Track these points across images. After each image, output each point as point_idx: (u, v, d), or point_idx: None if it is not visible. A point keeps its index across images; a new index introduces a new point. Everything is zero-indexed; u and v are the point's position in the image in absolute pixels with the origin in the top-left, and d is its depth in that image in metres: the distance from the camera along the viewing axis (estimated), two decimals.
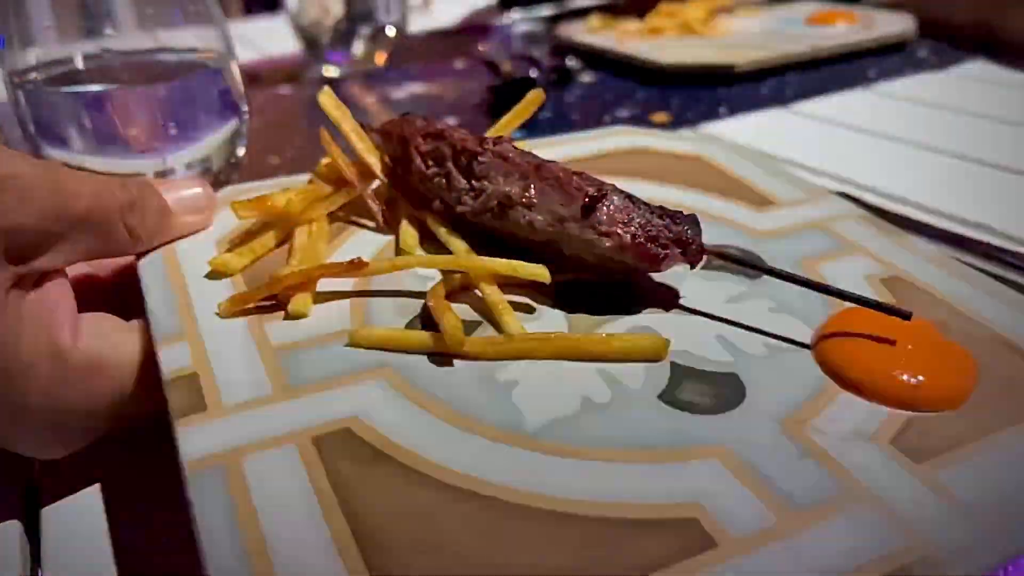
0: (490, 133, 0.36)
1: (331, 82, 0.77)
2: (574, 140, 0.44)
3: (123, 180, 0.29)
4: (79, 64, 0.39)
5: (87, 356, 0.26)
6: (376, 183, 0.35)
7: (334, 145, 0.34)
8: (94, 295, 0.32)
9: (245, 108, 0.43)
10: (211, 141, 0.41)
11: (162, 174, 0.40)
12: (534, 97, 0.37)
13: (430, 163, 0.33)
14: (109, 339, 0.27)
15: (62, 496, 0.27)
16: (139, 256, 0.31)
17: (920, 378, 0.25)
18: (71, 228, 0.26)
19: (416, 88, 0.75)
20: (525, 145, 0.39)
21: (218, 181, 0.43)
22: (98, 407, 0.26)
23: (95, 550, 0.25)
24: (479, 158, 0.31)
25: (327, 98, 0.35)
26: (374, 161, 0.34)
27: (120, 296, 0.32)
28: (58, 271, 0.27)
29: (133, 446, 0.28)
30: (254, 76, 0.78)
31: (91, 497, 0.27)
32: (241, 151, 0.44)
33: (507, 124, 0.37)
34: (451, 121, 0.64)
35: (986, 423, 0.24)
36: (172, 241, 0.32)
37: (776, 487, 0.22)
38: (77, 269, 0.32)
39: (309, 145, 0.59)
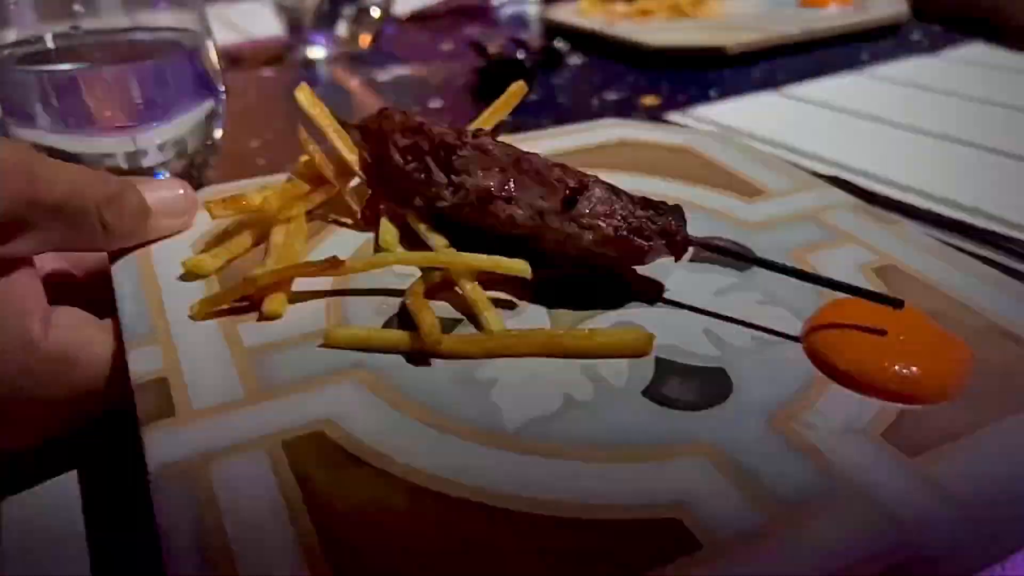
0: (473, 126, 0.36)
1: (315, 64, 0.76)
2: (560, 133, 0.43)
3: (104, 174, 0.28)
4: (49, 43, 0.38)
5: (57, 350, 0.25)
6: (356, 180, 0.34)
7: (312, 142, 0.34)
8: (67, 292, 0.31)
9: (222, 89, 0.42)
10: (185, 122, 0.40)
11: (133, 156, 0.39)
12: (516, 89, 0.36)
13: (409, 158, 0.32)
14: (81, 335, 0.26)
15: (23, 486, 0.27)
16: (113, 257, 0.30)
17: (913, 369, 0.24)
18: (44, 216, 0.26)
19: (401, 71, 0.73)
20: (509, 139, 0.38)
21: (194, 163, 0.41)
22: (62, 402, 0.26)
23: (61, 542, 0.25)
24: (458, 152, 0.30)
25: (304, 94, 0.34)
26: (353, 158, 0.34)
27: (93, 296, 0.32)
28: (26, 261, 0.26)
29: (107, 436, 0.27)
30: (236, 58, 0.76)
31: (57, 488, 0.27)
32: (218, 133, 0.42)
33: (490, 117, 0.36)
34: (437, 104, 0.63)
35: (981, 414, 0.23)
36: (149, 243, 0.31)
37: (764, 484, 0.21)
38: (52, 264, 0.32)
39: (290, 128, 0.57)
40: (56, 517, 0.26)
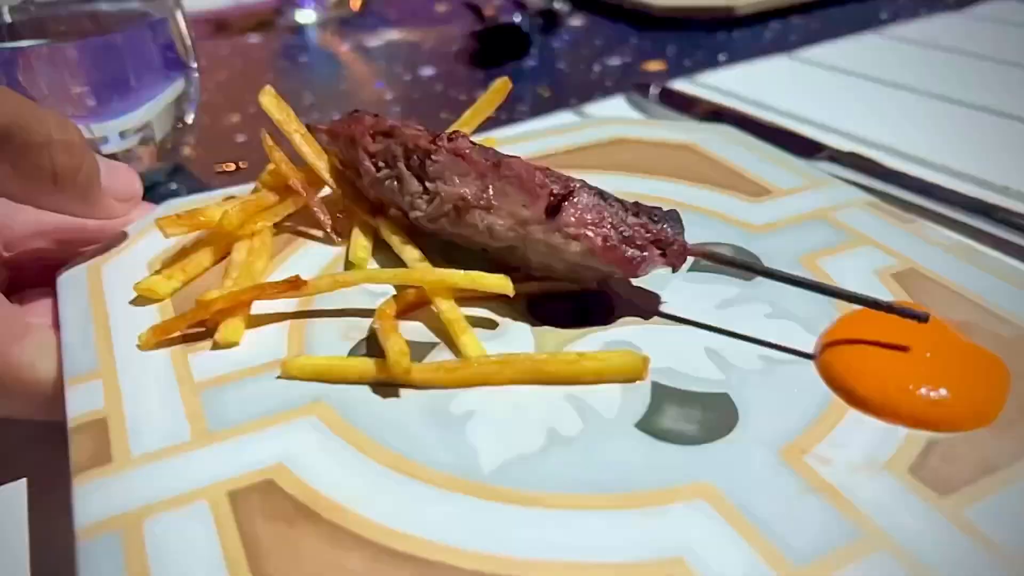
0: (453, 128, 0.33)
1: (303, 29, 0.73)
2: (551, 132, 0.40)
3: (67, 121, 0.25)
4: (6, 16, 0.34)
5: None
6: (326, 190, 0.32)
7: (278, 150, 0.31)
8: None
9: (194, 65, 0.38)
10: (151, 106, 0.36)
11: (91, 143, 0.35)
12: (500, 86, 0.33)
13: (380, 164, 0.29)
14: (24, 350, 0.24)
15: None
16: (60, 270, 0.28)
17: (941, 392, 0.21)
18: None
19: (393, 35, 0.70)
20: (494, 141, 0.35)
21: (163, 149, 0.38)
22: None
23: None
24: (432, 157, 0.28)
25: (269, 98, 0.31)
26: (322, 166, 0.31)
27: (11, 278, 0.29)
28: None
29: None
30: (222, 23, 0.73)
31: (3, 497, 0.24)
32: (190, 117, 0.39)
33: (471, 119, 0.33)
34: (430, 71, 0.59)
35: (1020, 443, 0.20)
36: (97, 250, 0.28)
37: (774, 533, 0.18)
38: None
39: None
40: None
